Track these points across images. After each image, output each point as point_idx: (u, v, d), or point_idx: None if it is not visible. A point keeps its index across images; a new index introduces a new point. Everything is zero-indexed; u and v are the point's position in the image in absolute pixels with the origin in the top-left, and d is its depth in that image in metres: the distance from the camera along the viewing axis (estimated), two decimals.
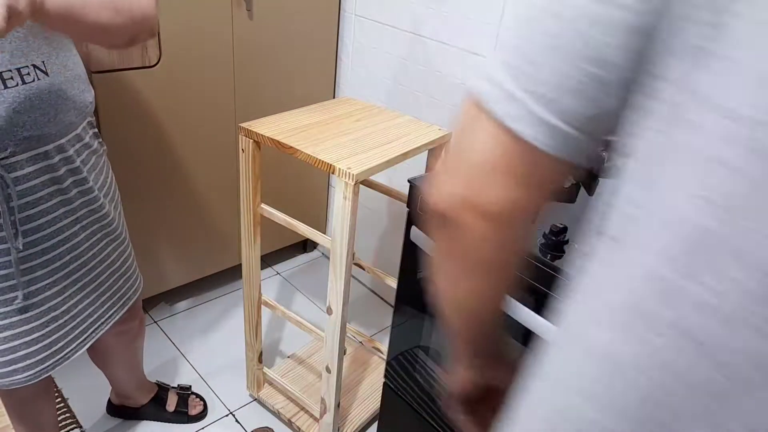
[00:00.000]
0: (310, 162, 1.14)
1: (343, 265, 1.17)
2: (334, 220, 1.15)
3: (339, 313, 1.24)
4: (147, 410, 1.57)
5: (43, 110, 0.88)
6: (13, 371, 1.01)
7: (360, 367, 1.75)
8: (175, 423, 1.59)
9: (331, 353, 1.31)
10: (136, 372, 1.51)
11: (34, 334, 1.01)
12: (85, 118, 1.00)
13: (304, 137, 1.20)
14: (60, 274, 1.01)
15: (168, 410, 1.59)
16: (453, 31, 1.60)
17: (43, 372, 1.05)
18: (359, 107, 1.43)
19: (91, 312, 1.10)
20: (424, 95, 1.75)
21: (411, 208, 1.06)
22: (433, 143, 1.28)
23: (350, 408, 1.61)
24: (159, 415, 1.59)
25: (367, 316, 2.10)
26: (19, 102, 0.84)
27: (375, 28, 1.83)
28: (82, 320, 1.09)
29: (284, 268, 2.29)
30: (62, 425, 1.51)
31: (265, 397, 1.62)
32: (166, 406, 1.59)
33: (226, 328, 1.95)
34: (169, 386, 1.63)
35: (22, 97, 0.85)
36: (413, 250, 1.10)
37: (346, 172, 1.08)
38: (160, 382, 1.63)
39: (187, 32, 1.54)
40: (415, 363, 1.20)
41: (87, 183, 1.01)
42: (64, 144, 0.95)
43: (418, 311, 1.15)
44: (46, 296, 1.00)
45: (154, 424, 1.57)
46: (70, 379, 1.66)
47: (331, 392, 1.36)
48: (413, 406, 1.23)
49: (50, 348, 1.04)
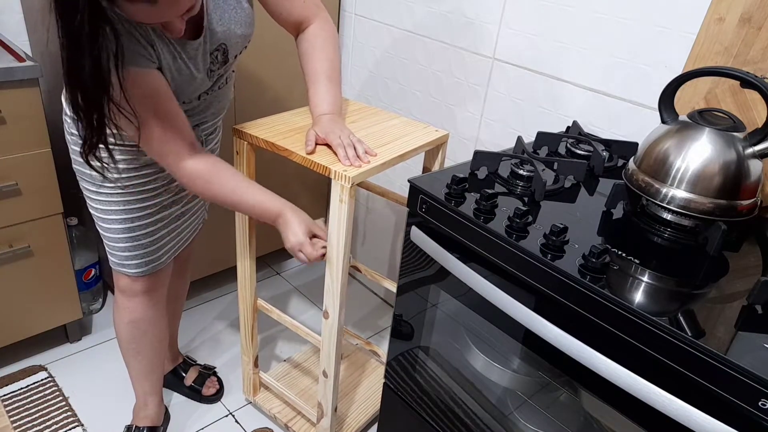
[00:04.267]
0: (305, 164, 1.13)
1: (339, 268, 1.17)
2: (330, 223, 1.14)
3: (336, 317, 1.23)
4: (166, 378, 1.64)
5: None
6: (160, 257, 1.29)
7: (358, 371, 1.75)
8: (188, 398, 1.66)
9: (328, 357, 1.30)
10: (177, 317, 1.63)
11: (171, 235, 1.30)
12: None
13: (300, 139, 1.19)
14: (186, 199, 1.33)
15: (184, 384, 1.66)
16: (453, 31, 1.60)
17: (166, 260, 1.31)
18: (355, 108, 1.42)
19: (188, 227, 1.37)
20: (423, 95, 1.75)
21: (411, 208, 1.06)
22: (429, 144, 1.27)
23: (347, 412, 1.60)
24: (175, 386, 1.67)
25: (367, 317, 2.10)
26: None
27: (375, 27, 1.83)
28: (185, 231, 1.37)
29: (284, 268, 2.29)
30: (63, 424, 1.51)
31: (261, 401, 1.61)
32: (184, 379, 1.66)
33: (225, 328, 1.95)
34: (195, 362, 1.72)
35: None
36: (413, 251, 1.09)
37: (342, 174, 1.08)
38: (189, 357, 1.72)
39: None
40: (415, 363, 1.20)
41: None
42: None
43: (418, 311, 1.15)
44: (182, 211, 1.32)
45: None
46: (71, 379, 1.66)
47: (328, 397, 1.36)
48: (413, 407, 1.23)
49: (173, 248, 1.32)
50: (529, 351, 0.96)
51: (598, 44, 1.30)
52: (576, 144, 1.22)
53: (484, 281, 0.93)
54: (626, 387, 0.77)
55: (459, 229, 0.97)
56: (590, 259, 0.82)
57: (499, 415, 1.08)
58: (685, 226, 0.94)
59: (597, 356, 0.80)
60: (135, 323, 1.34)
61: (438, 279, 1.07)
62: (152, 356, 1.41)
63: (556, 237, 0.86)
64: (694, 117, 0.95)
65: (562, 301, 0.84)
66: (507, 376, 1.07)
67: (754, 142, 0.91)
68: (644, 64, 1.24)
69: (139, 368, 1.42)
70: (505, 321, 0.96)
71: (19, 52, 1.43)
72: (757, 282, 0.77)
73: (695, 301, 0.78)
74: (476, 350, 1.10)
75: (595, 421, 0.92)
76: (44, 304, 1.62)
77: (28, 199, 1.47)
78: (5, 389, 1.59)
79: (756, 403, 0.67)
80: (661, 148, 0.94)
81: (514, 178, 1.07)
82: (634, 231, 0.96)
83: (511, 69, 1.49)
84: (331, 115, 1.20)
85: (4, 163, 1.40)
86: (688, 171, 0.91)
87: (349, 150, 1.12)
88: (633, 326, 0.76)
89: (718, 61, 1.09)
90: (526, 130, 1.51)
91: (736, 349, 0.69)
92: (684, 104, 1.13)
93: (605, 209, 1.01)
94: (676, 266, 0.86)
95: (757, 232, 1.00)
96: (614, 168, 1.19)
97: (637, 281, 0.82)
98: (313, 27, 1.20)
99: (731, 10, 1.06)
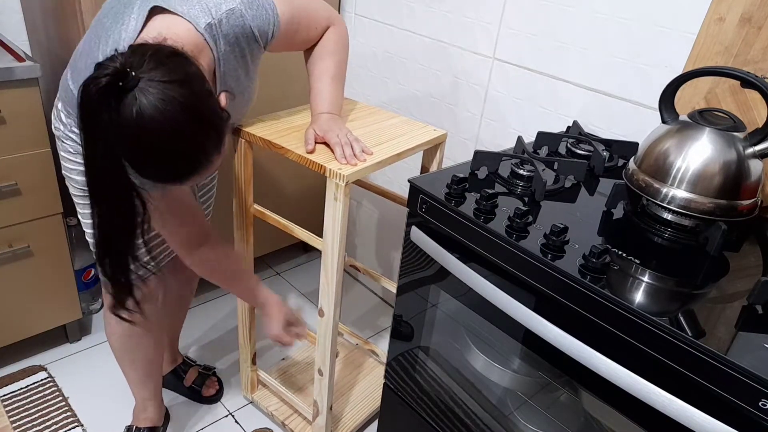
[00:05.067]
0: (301, 162, 1.13)
1: (334, 267, 1.17)
2: (325, 221, 1.14)
3: (331, 316, 1.23)
4: (166, 378, 1.63)
5: None
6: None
7: (355, 370, 1.74)
8: (188, 398, 1.66)
9: (323, 356, 1.30)
10: (181, 320, 1.62)
11: (162, 245, 1.27)
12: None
13: (297, 137, 1.19)
14: None
15: (184, 384, 1.65)
16: (454, 30, 1.60)
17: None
18: (354, 107, 1.42)
19: None
20: (423, 95, 1.75)
21: (411, 208, 1.06)
22: (427, 144, 1.27)
23: (344, 411, 1.60)
24: (175, 387, 1.66)
25: (366, 317, 2.10)
26: None
27: (375, 27, 1.83)
28: None
29: (284, 268, 2.29)
30: (62, 424, 1.51)
31: (258, 399, 1.62)
32: (184, 380, 1.65)
33: (225, 328, 1.95)
34: (195, 362, 1.71)
35: None
36: (413, 250, 1.09)
37: (337, 173, 1.08)
38: (188, 358, 1.71)
39: None
40: (415, 363, 1.20)
41: None
42: None
43: (418, 311, 1.15)
44: None
45: None
46: (71, 379, 1.66)
47: (324, 395, 1.36)
48: (413, 407, 1.23)
49: (164, 258, 1.29)
50: (529, 351, 0.96)
51: (599, 44, 1.30)
52: (576, 144, 1.22)
53: (484, 281, 0.93)
54: (626, 387, 0.77)
55: (459, 229, 0.97)
56: (590, 259, 0.82)
57: (500, 415, 1.08)
58: (685, 226, 0.94)
59: (597, 356, 0.79)
60: (128, 336, 1.32)
61: (438, 279, 1.07)
62: (148, 365, 1.39)
63: (556, 237, 0.86)
64: (694, 117, 0.95)
65: (562, 301, 0.84)
66: (507, 376, 1.07)
67: (754, 142, 0.91)
68: (644, 64, 1.24)
69: (135, 376, 1.41)
70: (505, 321, 0.96)
71: (19, 52, 1.42)
72: (758, 282, 0.77)
73: (695, 301, 0.78)
74: (476, 350, 1.10)
75: (595, 421, 0.91)
76: (44, 304, 1.62)
77: (27, 199, 1.47)
78: (5, 389, 1.59)
79: (756, 403, 0.66)
80: (662, 148, 0.94)
81: (514, 178, 1.07)
82: (634, 231, 0.96)
83: (512, 69, 1.49)
84: (330, 114, 1.20)
85: (4, 163, 1.40)
86: (688, 171, 0.91)
87: (346, 148, 1.13)
88: (633, 326, 0.76)
89: (718, 61, 1.09)
90: (526, 130, 1.51)
91: (737, 349, 0.69)
92: (684, 104, 1.13)
93: (605, 209, 1.01)
94: (677, 266, 0.86)
95: (757, 232, 1.00)
96: (614, 168, 1.19)
97: (638, 281, 0.81)
98: (328, 32, 1.21)
99: (731, 10, 1.05)
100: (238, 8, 0.99)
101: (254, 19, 1.02)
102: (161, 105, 0.76)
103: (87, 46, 1.02)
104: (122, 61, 0.76)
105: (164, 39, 0.86)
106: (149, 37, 0.88)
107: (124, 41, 0.92)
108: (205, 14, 0.95)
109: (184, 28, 0.94)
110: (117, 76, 0.75)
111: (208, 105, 0.84)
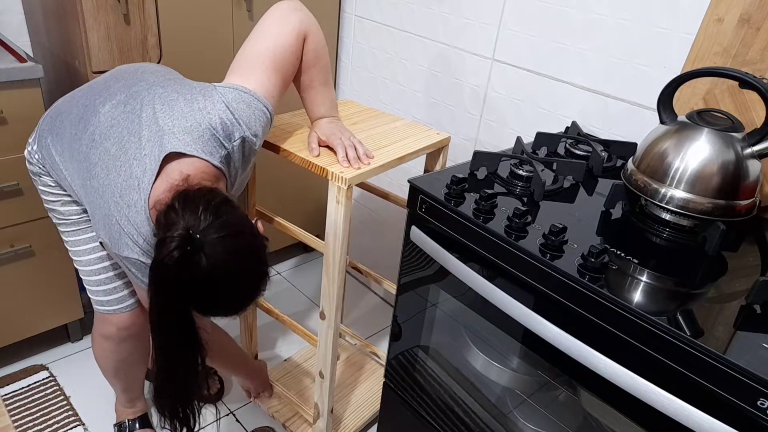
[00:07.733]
0: (304, 166, 1.14)
1: (336, 270, 1.17)
2: (327, 224, 1.14)
3: (332, 318, 1.23)
4: None
5: None
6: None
7: (356, 372, 1.75)
8: None
9: (324, 358, 1.30)
10: None
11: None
12: None
13: (300, 140, 1.19)
14: None
15: None
16: (453, 32, 1.60)
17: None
18: (357, 110, 1.43)
19: None
20: (423, 96, 1.75)
21: (411, 208, 1.06)
22: (430, 147, 1.27)
23: (345, 413, 1.60)
24: None
25: (366, 317, 2.10)
26: None
27: (375, 28, 1.83)
28: None
29: (285, 267, 2.30)
30: (64, 423, 1.52)
31: (260, 400, 1.62)
32: None
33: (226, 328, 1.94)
34: None
35: None
36: (413, 251, 1.10)
37: (339, 176, 1.08)
38: None
39: (188, 32, 1.54)
40: (414, 362, 1.20)
41: None
42: None
43: (418, 311, 1.16)
44: None
45: (156, 419, 1.57)
46: (72, 378, 1.67)
47: (324, 397, 1.36)
48: (413, 406, 1.23)
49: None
50: (529, 350, 0.96)
51: (597, 45, 1.31)
52: (575, 144, 1.23)
53: (483, 281, 0.93)
54: (625, 386, 0.77)
55: (458, 229, 0.97)
56: (589, 258, 0.82)
57: (499, 414, 1.08)
58: (683, 226, 0.95)
59: (596, 355, 0.80)
60: (118, 361, 1.33)
61: (438, 279, 1.08)
62: (133, 378, 1.42)
63: (555, 237, 0.86)
64: (692, 117, 0.95)
65: (561, 300, 0.84)
66: (506, 375, 1.07)
67: (752, 142, 0.91)
68: (643, 65, 1.25)
69: (121, 386, 1.43)
70: (504, 320, 0.96)
71: (21, 53, 1.43)
72: (756, 282, 0.78)
73: (694, 301, 0.79)
74: (476, 349, 1.11)
75: (594, 420, 0.92)
76: (45, 303, 1.63)
77: (29, 199, 1.47)
78: (6, 388, 1.60)
79: (755, 402, 0.67)
80: (660, 149, 0.95)
81: (513, 178, 1.08)
82: (632, 231, 0.96)
83: (511, 70, 1.50)
84: (330, 117, 1.21)
85: (6, 164, 1.40)
86: (686, 171, 0.91)
87: (349, 151, 1.13)
88: (632, 326, 0.76)
89: (716, 61, 1.09)
90: (525, 130, 1.51)
91: (735, 348, 0.70)
92: (683, 105, 1.13)
93: (604, 209, 1.01)
94: (675, 266, 0.87)
95: (755, 232, 1.01)
96: (613, 168, 1.19)
97: (636, 281, 0.82)
98: (305, 46, 1.15)
99: (730, 11, 1.06)
100: (250, 138, 1.03)
101: (258, 133, 1.05)
102: (227, 257, 0.86)
103: (79, 149, 1.03)
104: (184, 225, 0.84)
105: (187, 176, 0.93)
106: (172, 178, 0.94)
107: (143, 183, 0.95)
108: (219, 147, 0.99)
109: (203, 165, 0.98)
110: (185, 243, 0.83)
111: (257, 243, 0.93)
